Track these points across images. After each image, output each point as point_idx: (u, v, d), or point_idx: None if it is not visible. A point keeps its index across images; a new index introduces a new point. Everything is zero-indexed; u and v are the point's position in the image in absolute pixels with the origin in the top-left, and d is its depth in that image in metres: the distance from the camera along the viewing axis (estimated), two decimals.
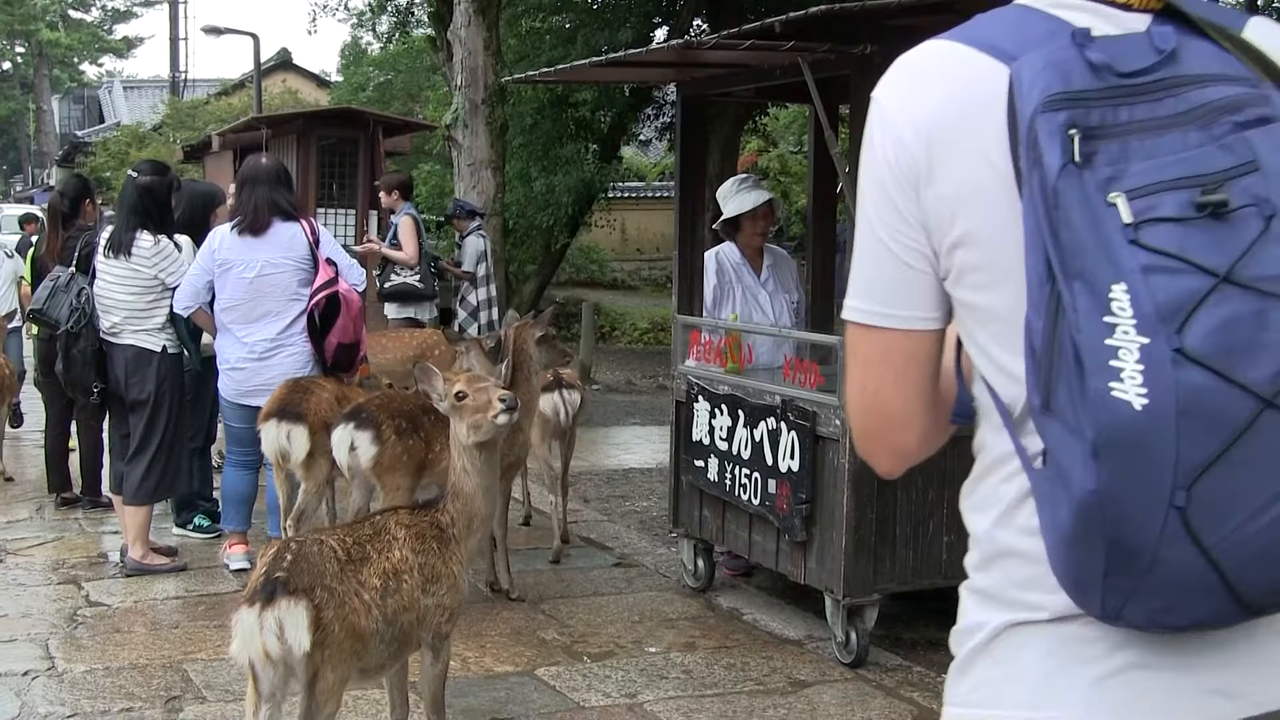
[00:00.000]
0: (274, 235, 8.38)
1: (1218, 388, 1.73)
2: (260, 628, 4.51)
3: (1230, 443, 1.74)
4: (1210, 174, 1.81)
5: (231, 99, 46.46)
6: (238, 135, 19.17)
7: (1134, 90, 1.89)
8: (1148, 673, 1.94)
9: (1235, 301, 1.75)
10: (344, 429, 7.62)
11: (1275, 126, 1.85)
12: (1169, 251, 1.76)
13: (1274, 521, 1.76)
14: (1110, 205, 1.80)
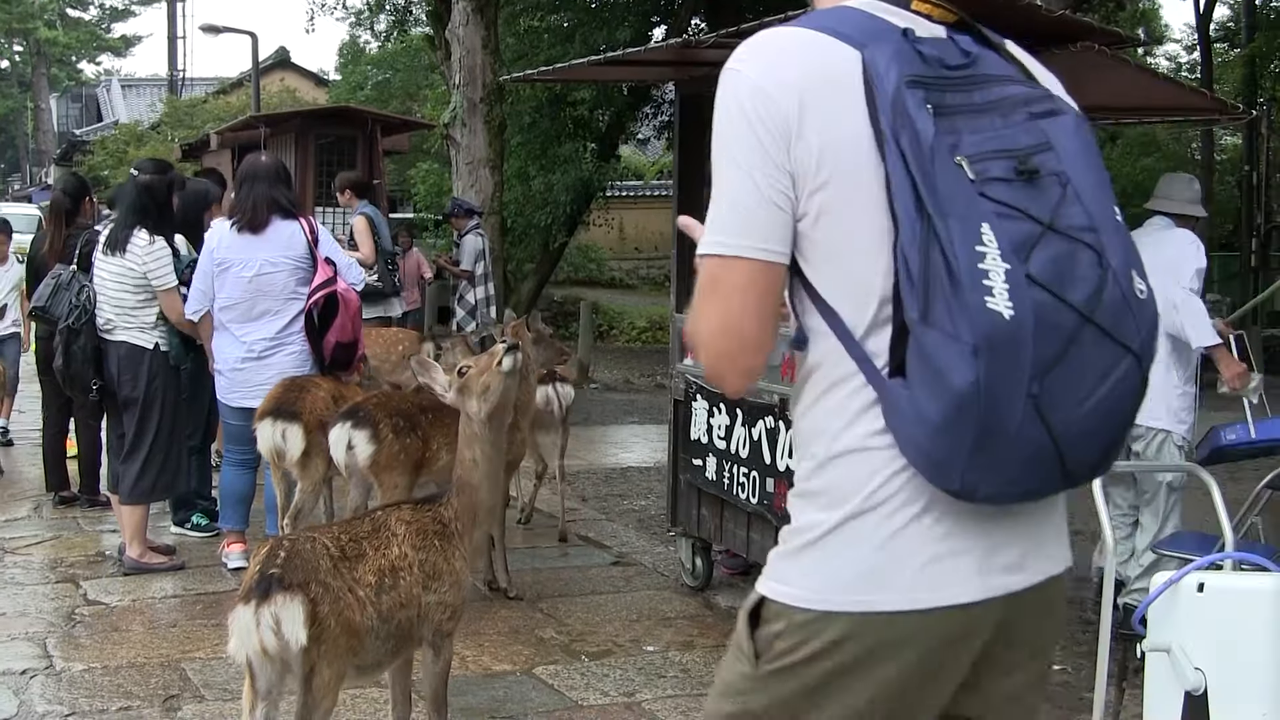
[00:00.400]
0: (273, 233, 8.38)
1: (1055, 305, 2.28)
2: (257, 624, 4.52)
3: (1066, 346, 2.29)
4: (1019, 149, 2.39)
5: (230, 98, 46.43)
6: (236, 134, 19.18)
7: (955, 81, 2.44)
8: (960, 558, 2.43)
9: (1056, 244, 2.33)
10: (341, 427, 7.62)
11: (1062, 118, 2.48)
12: (1009, 203, 2.32)
13: (1095, 406, 2.33)
14: (958, 165, 2.33)
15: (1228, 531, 5.46)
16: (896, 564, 2.42)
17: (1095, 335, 2.33)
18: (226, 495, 8.85)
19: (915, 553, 2.42)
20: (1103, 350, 2.34)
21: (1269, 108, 32.15)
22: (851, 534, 2.44)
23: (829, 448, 2.48)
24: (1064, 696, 6.95)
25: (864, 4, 2.59)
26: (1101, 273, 2.36)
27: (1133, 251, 2.44)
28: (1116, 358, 2.36)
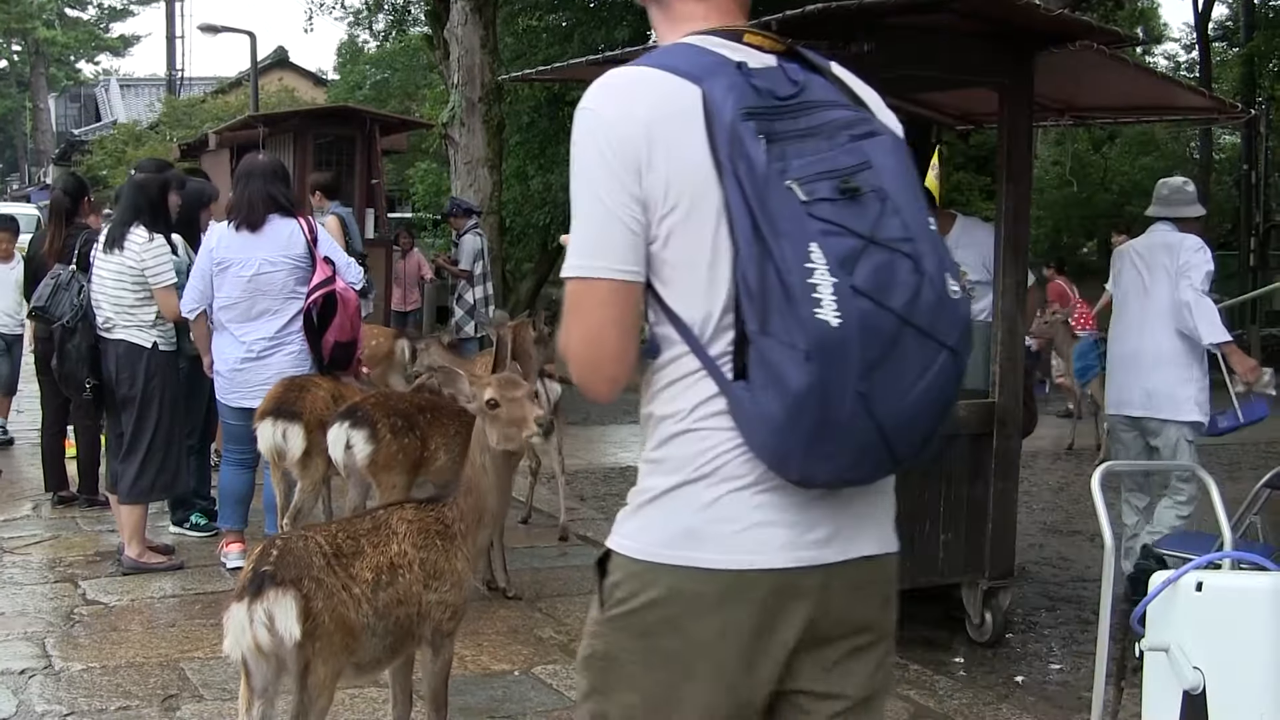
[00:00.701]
0: (272, 232, 8.37)
1: (877, 311, 2.55)
2: (250, 620, 4.52)
3: (888, 348, 2.55)
4: (841, 170, 2.65)
5: (228, 97, 46.40)
6: (235, 134, 19.15)
7: (785, 109, 2.70)
8: (773, 528, 2.70)
9: (877, 255, 2.59)
10: (339, 427, 7.62)
11: (880, 138, 2.73)
12: (834, 221, 2.58)
13: (916, 398, 2.60)
14: (788, 189, 2.59)
15: (1226, 531, 5.47)
16: (716, 526, 2.71)
17: (914, 335, 2.61)
18: (225, 495, 8.85)
19: (734, 519, 2.70)
20: (921, 348, 2.62)
21: (1267, 107, 32.16)
22: (681, 497, 2.74)
23: (673, 427, 2.79)
24: (1063, 696, 6.96)
25: (700, 40, 2.86)
26: (918, 278, 2.62)
27: (945, 256, 2.70)
28: (934, 354, 2.64)
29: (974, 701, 6.66)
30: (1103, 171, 35.25)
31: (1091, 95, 8.56)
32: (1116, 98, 8.64)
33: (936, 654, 7.42)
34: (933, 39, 7.13)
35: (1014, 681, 7.16)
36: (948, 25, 7.03)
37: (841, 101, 2.82)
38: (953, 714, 6.47)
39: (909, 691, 6.75)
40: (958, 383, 2.72)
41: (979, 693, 6.86)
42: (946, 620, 7.83)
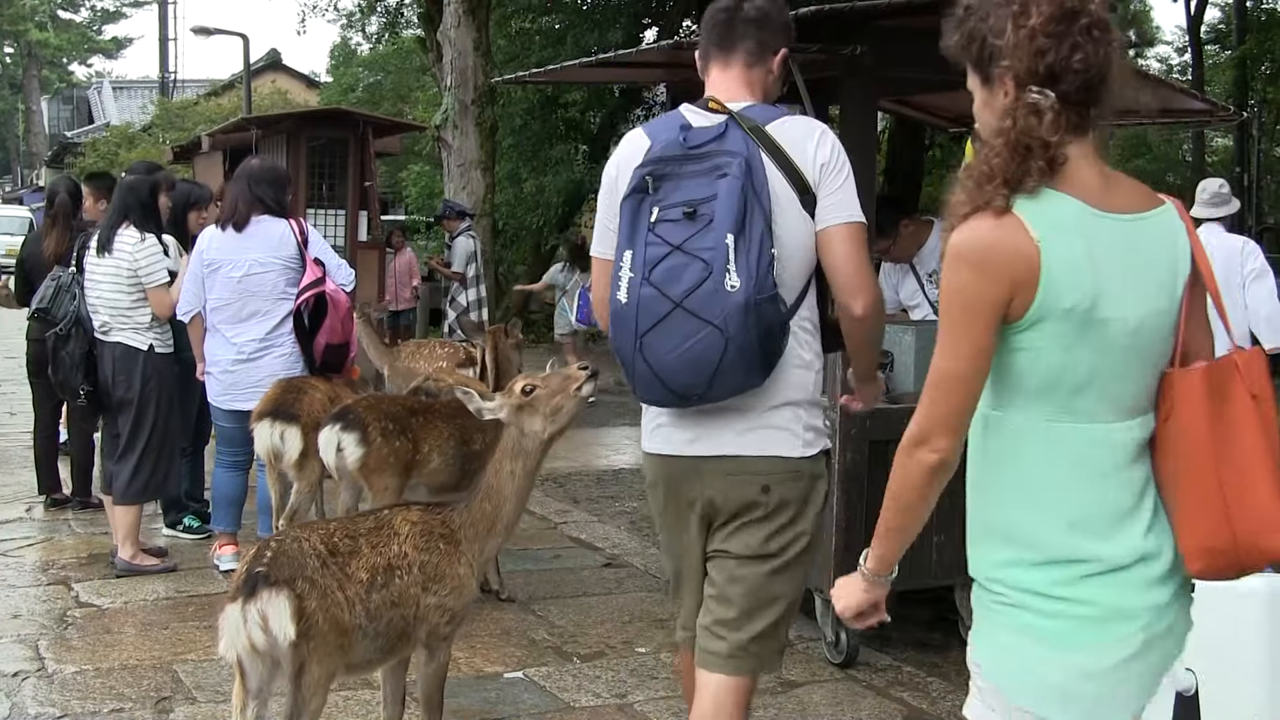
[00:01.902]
0: (261, 233, 8.36)
1: (657, 296, 3.87)
2: (245, 621, 4.54)
3: (659, 320, 3.89)
4: (695, 200, 3.89)
5: (221, 100, 46.45)
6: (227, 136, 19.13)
7: (691, 156, 3.98)
8: (666, 428, 4.29)
9: (676, 258, 3.87)
10: (331, 430, 7.62)
11: (730, 179, 3.86)
12: (661, 236, 3.90)
13: (677, 356, 3.89)
14: (650, 210, 3.95)
15: None
16: (647, 429, 4.40)
17: (683, 314, 3.85)
18: (218, 497, 8.84)
19: (651, 423, 4.37)
20: (688, 323, 3.84)
21: (1259, 110, 32.22)
22: (647, 417, 4.40)
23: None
24: None
25: (687, 107, 4.28)
26: (704, 276, 3.81)
27: (739, 261, 3.80)
28: (699, 328, 3.83)
29: None
30: None
31: None
32: None
33: (929, 656, 7.43)
34: (926, 41, 7.07)
35: None
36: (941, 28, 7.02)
37: (734, 150, 3.95)
38: (945, 716, 6.47)
39: (902, 693, 6.76)
40: (727, 351, 3.84)
41: None
42: (939, 622, 7.84)
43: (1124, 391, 3.00)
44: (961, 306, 2.95)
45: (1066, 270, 2.87)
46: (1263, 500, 2.90)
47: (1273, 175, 35.18)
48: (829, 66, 6.86)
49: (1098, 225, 2.91)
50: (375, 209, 18.00)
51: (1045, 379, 2.97)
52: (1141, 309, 2.94)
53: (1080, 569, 2.98)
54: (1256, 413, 2.92)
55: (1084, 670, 2.97)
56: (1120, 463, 3.01)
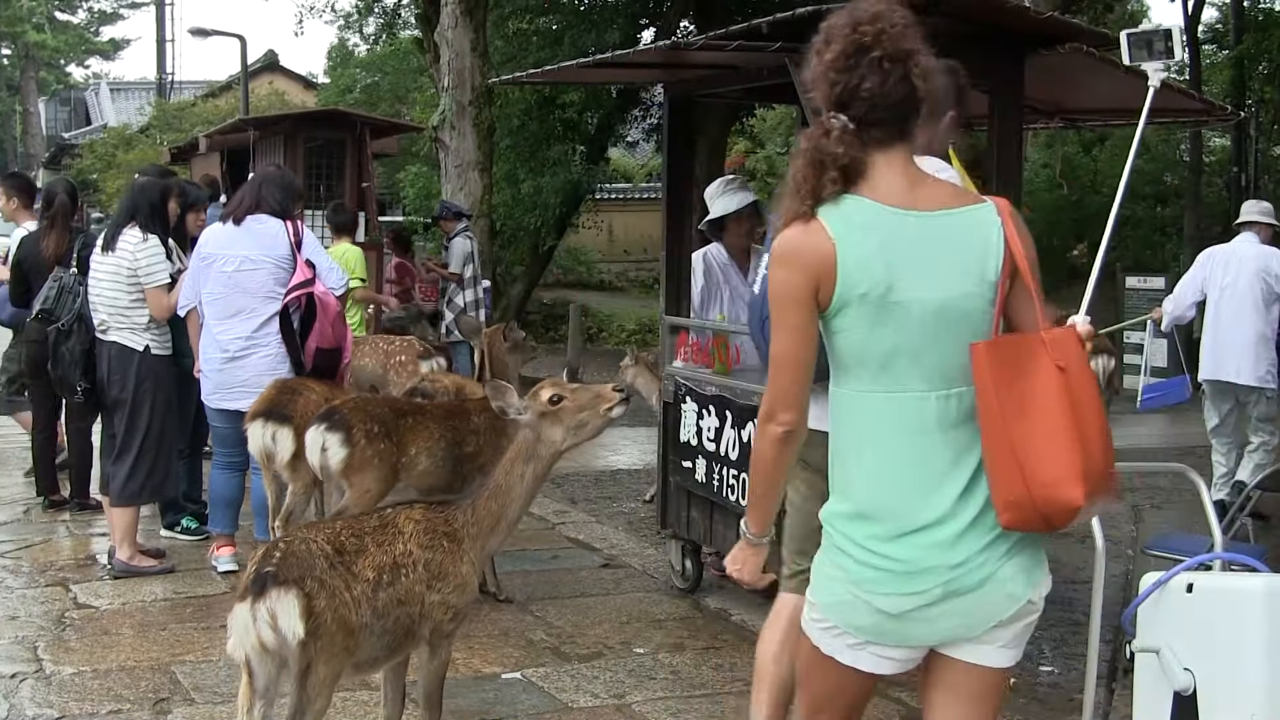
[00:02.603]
0: (257, 230, 8.38)
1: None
2: (254, 620, 4.55)
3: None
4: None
5: (218, 101, 46.36)
6: (225, 137, 19.14)
7: None
8: None
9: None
10: (316, 431, 7.63)
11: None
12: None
13: None
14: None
15: (1217, 532, 5.47)
16: None
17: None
18: (215, 498, 8.85)
19: None
20: None
21: (1257, 109, 32.19)
22: None
23: None
24: (1054, 697, 6.95)
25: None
26: None
27: None
28: None
29: None
30: (1093, 174, 35.26)
31: (1081, 97, 8.57)
32: (1106, 100, 8.65)
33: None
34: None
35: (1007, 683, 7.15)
36: (937, 28, 7.01)
37: None
38: None
39: (899, 694, 6.75)
40: None
41: None
42: None
43: (936, 364, 3.43)
44: (778, 299, 3.49)
45: (859, 262, 3.36)
46: (1054, 458, 3.29)
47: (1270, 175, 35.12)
48: None
49: (895, 221, 3.40)
50: (373, 210, 17.99)
51: (856, 355, 3.47)
52: (944, 291, 3.39)
53: (888, 526, 3.45)
54: (1060, 381, 3.33)
55: (886, 613, 3.45)
56: (932, 427, 3.45)
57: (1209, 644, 4.47)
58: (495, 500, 5.38)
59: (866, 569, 3.46)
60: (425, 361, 11.80)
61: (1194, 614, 4.52)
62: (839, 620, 3.53)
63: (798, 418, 3.55)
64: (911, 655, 3.59)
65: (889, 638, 3.51)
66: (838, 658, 3.57)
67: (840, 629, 3.53)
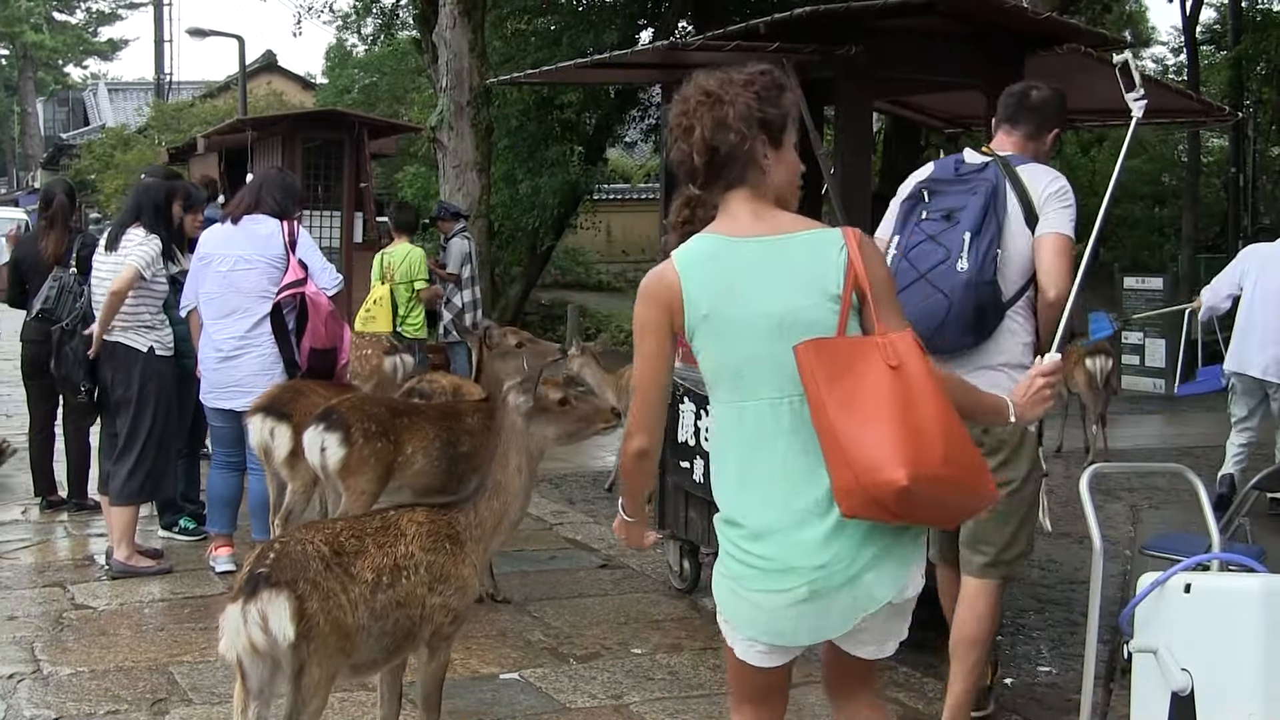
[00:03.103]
0: (252, 230, 8.40)
1: (908, 269, 5.54)
2: (245, 621, 4.54)
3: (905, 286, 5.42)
4: (955, 207, 5.57)
5: (216, 101, 46.42)
6: (223, 137, 19.15)
7: (958, 179, 5.70)
8: None
9: (927, 245, 5.59)
10: (314, 430, 7.64)
11: (975, 196, 5.54)
12: (922, 229, 5.64)
13: (915, 310, 5.08)
14: (920, 214, 5.71)
15: (1215, 533, 5.47)
16: None
17: (923, 283, 5.48)
18: (213, 499, 8.85)
19: None
20: (925, 289, 5.48)
21: (1255, 110, 32.24)
22: None
23: None
24: (1052, 698, 6.96)
25: (968, 150, 5.84)
26: (943, 259, 5.49)
27: (971, 252, 5.47)
28: (932, 294, 5.46)
29: None
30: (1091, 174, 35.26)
31: (1079, 98, 8.55)
32: (1104, 100, 8.64)
33: (925, 656, 7.41)
34: (921, 42, 7.14)
35: (1003, 683, 7.16)
36: (936, 28, 7.04)
37: (988, 179, 5.63)
38: (941, 716, 6.47)
39: (897, 694, 6.77)
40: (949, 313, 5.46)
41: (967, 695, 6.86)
42: (934, 622, 7.82)
43: (785, 371, 3.70)
44: (637, 330, 3.91)
45: (701, 286, 3.77)
46: (876, 444, 3.53)
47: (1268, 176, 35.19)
48: (825, 67, 6.86)
49: (736, 248, 3.80)
50: (371, 210, 18.02)
51: (715, 370, 3.85)
52: (785, 303, 3.72)
53: (751, 527, 3.77)
54: (890, 377, 3.60)
55: (759, 607, 3.77)
56: (786, 430, 3.74)
57: (1207, 644, 4.48)
58: (497, 499, 5.38)
59: (742, 567, 3.77)
60: (389, 357, 11.94)
61: (1192, 614, 4.53)
62: (730, 616, 3.87)
63: (650, 440, 3.96)
64: (788, 651, 3.90)
65: (763, 633, 3.81)
66: (734, 649, 3.92)
67: (730, 622, 3.88)
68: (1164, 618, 4.59)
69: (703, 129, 3.79)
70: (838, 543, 3.67)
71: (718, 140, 3.78)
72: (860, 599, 3.71)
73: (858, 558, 3.67)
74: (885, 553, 3.70)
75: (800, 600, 3.69)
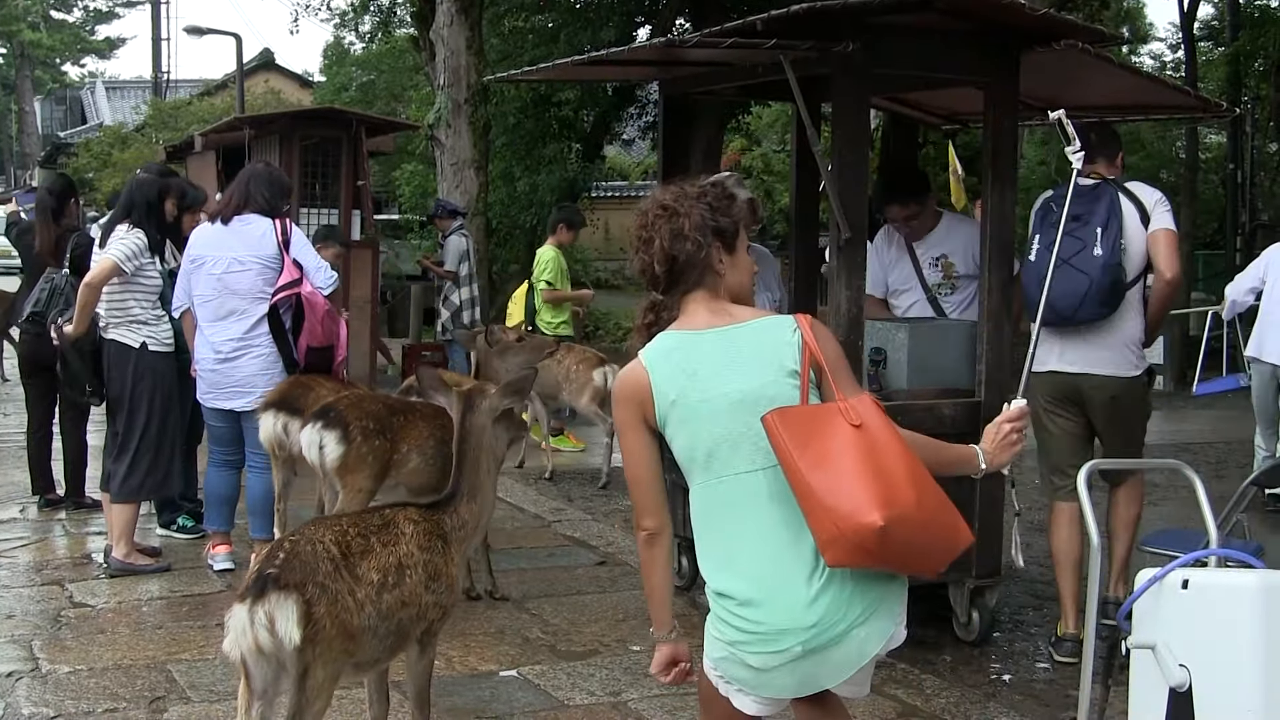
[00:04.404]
0: (244, 230, 8.38)
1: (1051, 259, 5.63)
2: (251, 622, 4.54)
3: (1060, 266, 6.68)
4: (1083, 211, 7.07)
5: (214, 99, 46.35)
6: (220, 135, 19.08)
7: (1079, 192, 6.60)
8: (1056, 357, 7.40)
9: (1066, 239, 6.73)
10: (312, 428, 7.66)
11: (1101, 201, 7.17)
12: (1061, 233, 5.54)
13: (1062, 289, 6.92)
14: (1055, 216, 7.02)
15: (1212, 528, 5.46)
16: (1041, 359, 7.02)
17: (1066, 268, 6.90)
18: (211, 497, 8.85)
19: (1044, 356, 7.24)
20: (1069, 272, 6.98)
21: (1253, 106, 32.22)
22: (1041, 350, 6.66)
23: None
24: (1049, 694, 6.96)
25: (1078, 173, 5.28)
26: (1081, 248, 7.02)
27: (1103, 242, 6.99)
28: (1075, 275, 7.02)
29: (961, 700, 6.67)
30: None
31: (1077, 94, 8.56)
32: (1102, 97, 8.65)
33: (923, 652, 7.42)
34: (918, 38, 7.14)
35: (1001, 680, 7.17)
36: (933, 25, 7.03)
37: (1105, 191, 7.15)
38: (940, 713, 6.48)
39: (896, 690, 6.76)
40: (1090, 288, 7.04)
41: (966, 691, 6.87)
42: (933, 619, 7.84)
43: (754, 445, 3.95)
44: (618, 429, 4.18)
45: (667, 377, 4.02)
46: (850, 493, 3.72)
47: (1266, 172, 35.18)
48: (821, 64, 6.85)
49: (695, 339, 4.06)
50: (369, 208, 17.97)
51: (688, 455, 4.07)
52: (746, 382, 3.96)
53: (742, 596, 3.98)
54: (854, 435, 3.82)
55: (754, 669, 3.98)
56: (764, 500, 3.97)
57: (1205, 640, 4.47)
58: (475, 501, 5.48)
59: (737, 633, 3.99)
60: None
61: (1190, 610, 4.52)
62: (723, 672, 4.12)
63: (656, 522, 4.24)
64: (782, 699, 4.16)
65: (759, 689, 4.05)
66: (729, 698, 4.15)
67: (726, 678, 4.12)
68: (1162, 614, 4.58)
69: (661, 240, 4.10)
70: (826, 602, 3.87)
71: (675, 249, 4.10)
72: (851, 654, 3.93)
73: (847, 615, 3.88)
74: (873, 609, 3.92)
75: (795, 659, 3.90)
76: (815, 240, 9.27)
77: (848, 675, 3.99)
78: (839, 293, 6.97)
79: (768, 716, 4.25)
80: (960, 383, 7.48)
